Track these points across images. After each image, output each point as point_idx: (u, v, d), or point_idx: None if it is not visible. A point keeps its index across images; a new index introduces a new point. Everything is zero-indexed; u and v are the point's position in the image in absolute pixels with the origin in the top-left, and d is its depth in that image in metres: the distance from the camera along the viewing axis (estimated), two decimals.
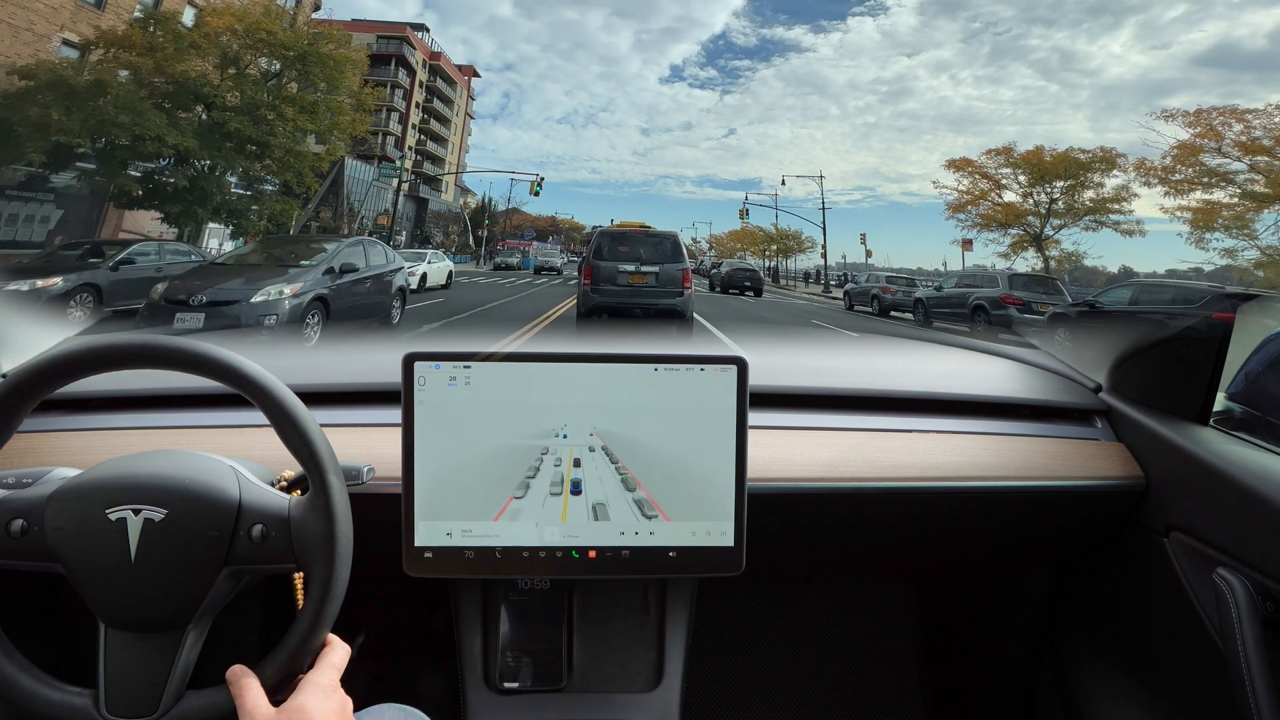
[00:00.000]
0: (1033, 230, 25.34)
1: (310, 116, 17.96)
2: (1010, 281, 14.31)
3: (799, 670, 1.55)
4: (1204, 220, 18.51)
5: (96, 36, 16.10)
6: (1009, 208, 26.24)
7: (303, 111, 17.72)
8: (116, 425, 1.00)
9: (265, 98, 16.82)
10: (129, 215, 18.81)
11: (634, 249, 8.96)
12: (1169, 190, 19.42)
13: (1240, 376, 1.12)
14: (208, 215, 17.10)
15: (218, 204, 16.83)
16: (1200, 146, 18.53)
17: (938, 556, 1.29)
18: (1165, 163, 19.41)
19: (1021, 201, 25.96)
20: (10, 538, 0.64)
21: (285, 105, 17.20)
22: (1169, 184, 19.47)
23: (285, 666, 0.65)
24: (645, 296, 8.71)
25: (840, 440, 1.05)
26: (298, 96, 17.54)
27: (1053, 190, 24.97)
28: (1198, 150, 18.68)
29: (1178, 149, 19.21)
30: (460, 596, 1.07)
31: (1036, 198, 25.36)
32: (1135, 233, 24.01)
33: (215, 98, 16.59)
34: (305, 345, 5.99)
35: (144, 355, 0.67)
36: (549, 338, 8.09)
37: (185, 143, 15.25)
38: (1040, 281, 14.65)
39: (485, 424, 0.83)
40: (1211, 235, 18.52)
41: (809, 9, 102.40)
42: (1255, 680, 0.80)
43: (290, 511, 0.68)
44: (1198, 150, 18.68)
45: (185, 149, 15.45)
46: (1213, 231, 18.43)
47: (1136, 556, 1.07)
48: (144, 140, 14.66)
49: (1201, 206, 18.67)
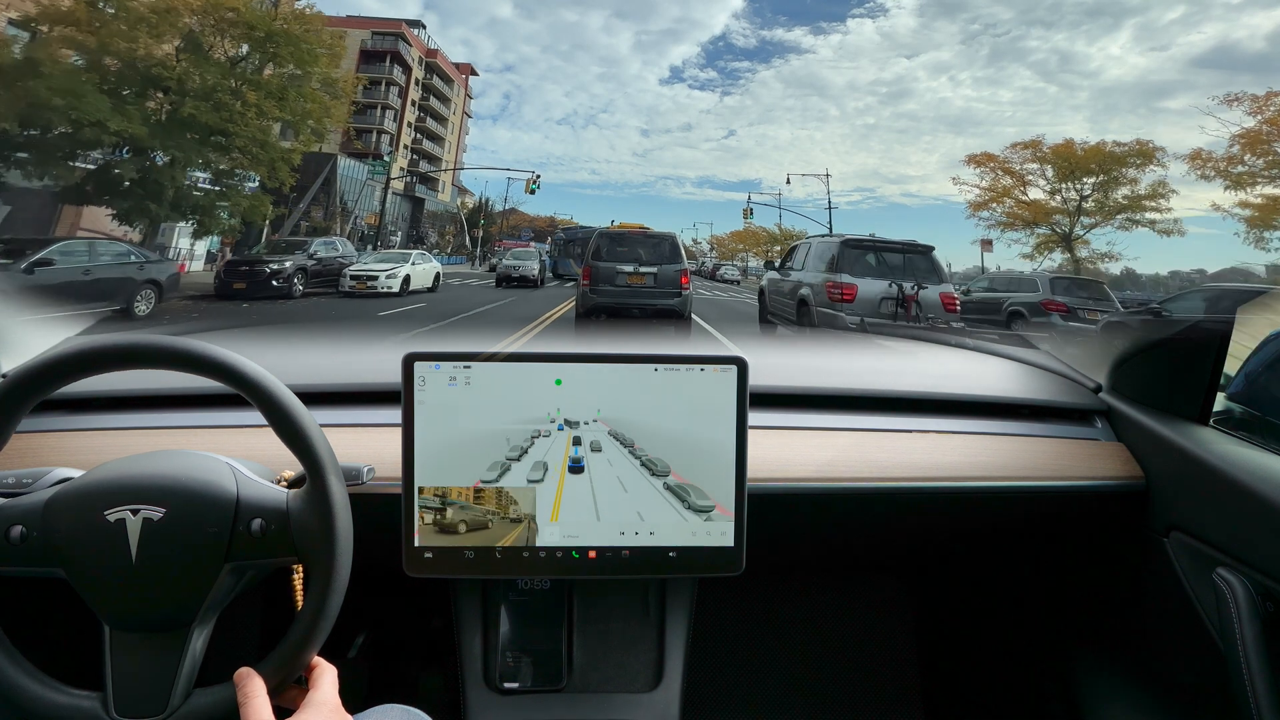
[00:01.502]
0: (1061, 229, 23.31)
1: (278, 103, 15.96)
2: (1052, 285, 12.93)
3: (799, 670, 1.57)
4: (1266, 217, 16.52)
5: (38, 12, 14.09)
6: (1035, 205, 24.20)
7: (269, 97, 15.72)
8: (116, 425, 1.01)
9: (225, 81, 14.80)
10: (89, 212, 16.87)
11: (632, 250, 9.00)
12: (1230, 184, 17.42)
13: (1240, 376, 1.12)
14: (164, 212, 15.18)
15: (175, 199, 14.86)
16: (1264, 135, 16.53)
17: (938, 556, 1.33)
18: (1231, 152, 17.38)
19: (1048, 199, 23.93)
20: (10, 544, 0.65)
21: (248, 90, 15.17)
22: (1230, 177, 17.47)
23: (288, 664, 0.67)
24: (644, 297, 8.71)
25: (840, 440, 1.07)
26: (262, 80, 15.53)
27: (1083, 186, 22.94)
28: (1262, 139, 16.68)
29: (1244, 138, 17.22)
30: (460, 596, 1.08)
31: (1065, 194, 23.36)
32: (1173, 232, 21.97)
33: (170, 81, 14.59)
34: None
35: (144, 355, 0.67)
36: (549, 338, 7.89)
37: (131, 129, 13.43)
38: (1084, 285, 13.46)
39: (485, 424, 0.85)
40: (1273, 234, 16.54)
41: (808, 10, 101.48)
42: (1255, 680, 0.81)
43: (289, 505, 0.70)
44: (1262, 139, 16.68)
45: (132, 137, 13.50)
46: (1275, 230, 16.46)
47: (1136, 556, 1.08)
48: (83, 126, 12.65)
49: (1266, 202, 16.65)
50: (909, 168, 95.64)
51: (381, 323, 9.91)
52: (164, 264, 11.90)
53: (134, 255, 10.89)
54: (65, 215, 17.67)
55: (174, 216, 16.32)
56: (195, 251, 21.30)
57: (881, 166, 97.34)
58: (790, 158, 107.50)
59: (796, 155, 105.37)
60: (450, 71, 62.25)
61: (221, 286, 12.82)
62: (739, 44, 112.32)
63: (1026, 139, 25.21)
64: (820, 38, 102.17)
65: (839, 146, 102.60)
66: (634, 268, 8.75)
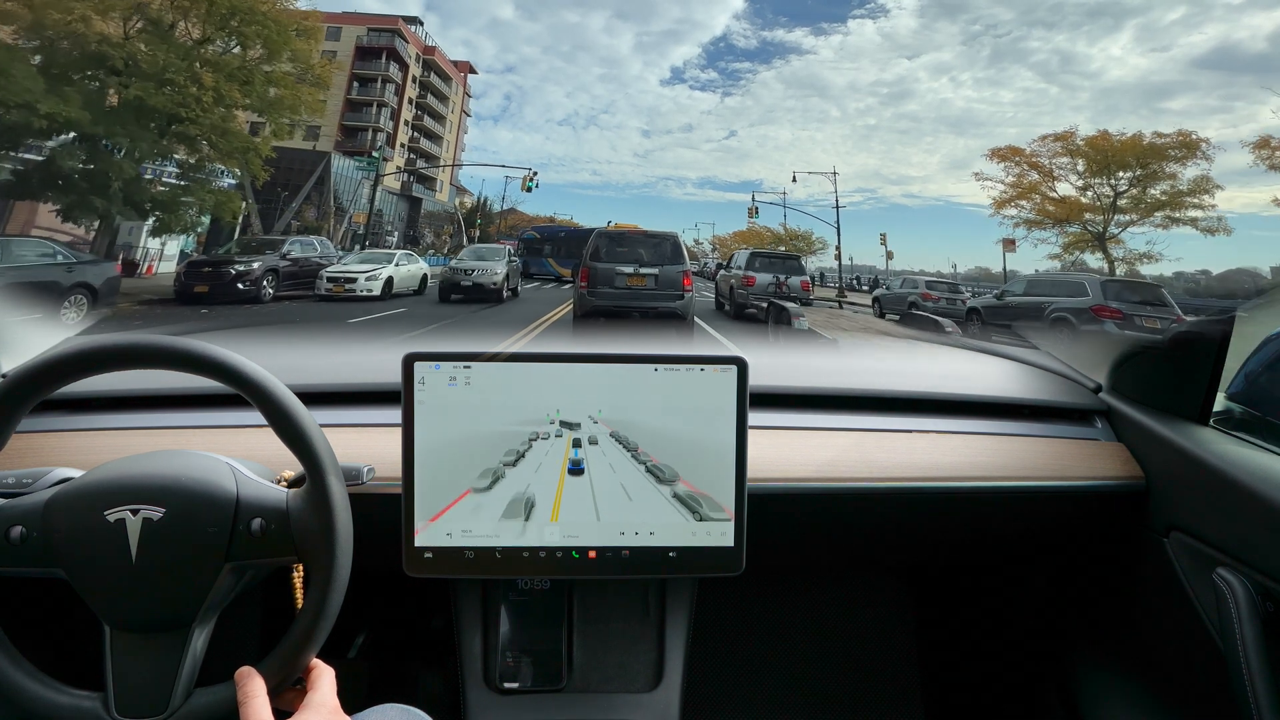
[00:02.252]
0: (1094, 228, 21.36)
1: (241, 87, 14.18)
2: (1104, 289, 11.02)
3: (799, 670, 1.57)
4: None
5: None
6: (1065, 202, 22.25)
7: (230, 80, 13.94)
8: (116, 425, 1.01)
9: (180, 62, 12.96)
10: (44, 209, 15.18)
11: (632, 250, 8.75)
12: None
13: (1240, 376, 1.13)
14: (115, 207, 13.49)
15: (127, 194, 13.16)
16: None
17: (938, 556, 1.33)
18: None
19: (1079, 195, 21.96)
20: (10, 545, 0.65)
21: (206, 72, 13.36)
22: None
23: (289, 664, 0.67)
24: (644, 300, 8.45)
25: (840, 440, 1.08)
26: (221, 60, 13.67)
27: (1118, 181, 20.97)
28: None
29: None
30: (460, 596, 1.09)
31: (1099, 190, 21.39)
32: (1218, 230, 19.98)
33: (119, 61, 12.81)
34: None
35: (144, 355, 0.67)
36: (549, 339, 7.94)
37: (68, 113, 11.69)
38: (1138, 288, 11.94)
39: (485, 424, 0.86)
40: None
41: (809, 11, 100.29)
42: (1255, 680, 0.82)
43: (289, 504, 0.70)
44: None
45: (69, 122, 11.75)
46: None
47: (1136, 556, 1.09)
48: (9, 109, 10.95)
49: None
50: (910, 168, 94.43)
51: (349, 330, 9.26)
52: (99, 265, 10.63)
53: (61, 255, 9.66)
54: (17, 212, 15.99)
55: (128, 213, 14.58)
56: (166, 252, 19.64)
57: (883, 167, 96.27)
58: (792, 158, 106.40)
59: (798, 156, 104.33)
60: (448, 69, 61.28)
61: (182, 289, 11.83)
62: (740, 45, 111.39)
63: (1058, 130, 23.26)
64: (821, 38, 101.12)
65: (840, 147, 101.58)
66: (634, 269, 8.45)
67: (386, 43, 50.94)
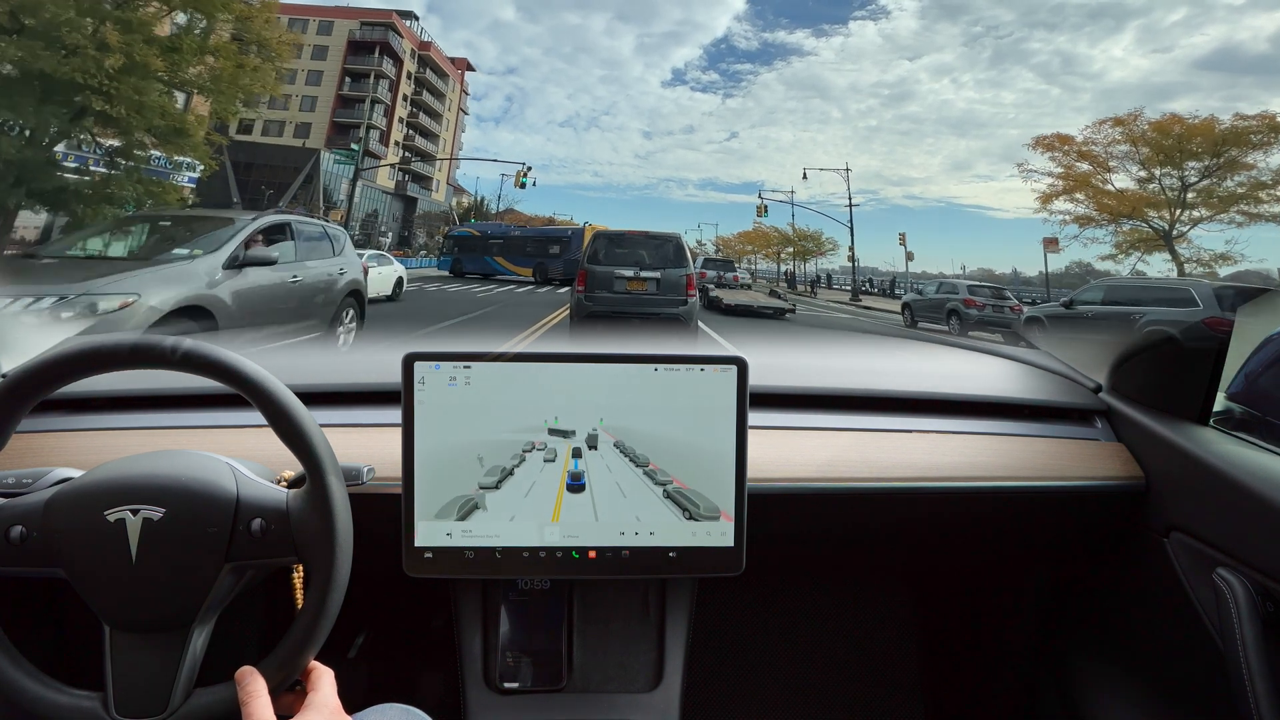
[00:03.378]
0: (1158, 225, 18.51)
1: (163, 54, 11.62)
2: (1218, 299, 7.76)
3: (799, 670, 1.56)
4: None
5: None
6: (1123, 196, 19.44)
7: (148, 44, 11.38)
8: (116, 425, 1.01)
9: (75, 18, 10.38)
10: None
11: (633, 252, 8.23)
12: None
13: (1240, 376, 1.11)
14: (14, 199, 10.97)
15: (17, 181, 10.65)
16: None
17: (938, 556, 1.32)
18: None
19: (1139, 187, 19.15)
20: (10, 544, 0.65)
21: (111, 31, 10.79)
22: None
23: (289, 663, 0.68)
24: (645, 304, 7.93)
25: (840, 440, 1.08)
26: (132, 18, 11.07)
27: (1187, 173, 18.17)
28: None
29: None
30: (460, 596, 1.08)
31: (1163, 182, 18.58)
32: None
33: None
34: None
35: (144, 355, 0.67)
36: (550, 339, 7.82)
37: None
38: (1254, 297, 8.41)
39: (485, 424, 0.86)
40: None
41: (810, 13, 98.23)
42: (1255, 680, 0.81)
43: (289, 504, 0.71)
44: None
45: None
46: None
47: (1136, 556, 1.09)
48: None
49: None
50: (912, 169, 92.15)
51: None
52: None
53: None
54: None
55: (30, 205, 12.10)
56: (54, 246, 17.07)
57: (884, 169, 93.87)
58: (793, 159, 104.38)
59: (799, 157, 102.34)
60: (445, 66, 58.81)
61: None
62: (741, 46, 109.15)
63: (1119, 114, 20.18)
64: (822, 40, 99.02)
65: (841, 149, 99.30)
66: (634, 272, 7.95)
67: (380, 37, 48.73)
